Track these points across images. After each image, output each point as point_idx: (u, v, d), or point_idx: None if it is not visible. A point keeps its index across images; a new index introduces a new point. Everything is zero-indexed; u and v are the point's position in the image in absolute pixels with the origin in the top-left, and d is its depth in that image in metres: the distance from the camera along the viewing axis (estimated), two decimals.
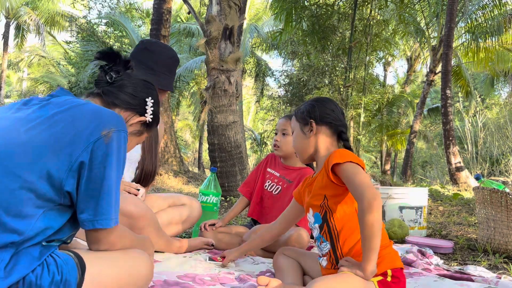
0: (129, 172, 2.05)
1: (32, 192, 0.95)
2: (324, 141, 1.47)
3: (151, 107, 1.25)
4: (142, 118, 1.23)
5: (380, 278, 1.24)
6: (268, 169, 2.35)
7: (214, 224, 2.22)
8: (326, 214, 1.38)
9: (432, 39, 11.34)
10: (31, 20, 16.62)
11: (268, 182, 2.30)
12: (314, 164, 1.54)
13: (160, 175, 6.58)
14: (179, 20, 16.31)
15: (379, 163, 18.65)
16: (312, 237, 2.37)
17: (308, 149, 1.48)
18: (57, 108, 1.04)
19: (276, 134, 2.28)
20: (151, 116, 1.25)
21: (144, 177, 2.05)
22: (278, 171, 2.31)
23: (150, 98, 1.24)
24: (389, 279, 1.25)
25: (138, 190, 1.88)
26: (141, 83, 1.24)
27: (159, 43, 2.11)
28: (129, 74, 1.23)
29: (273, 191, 2.27)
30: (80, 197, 1.01)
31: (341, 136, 1.48)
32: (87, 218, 1.02)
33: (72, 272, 0.99)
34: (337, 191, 1.35)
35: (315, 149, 1.47)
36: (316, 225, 1.42)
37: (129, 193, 1.82)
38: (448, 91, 7.04)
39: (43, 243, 0.99)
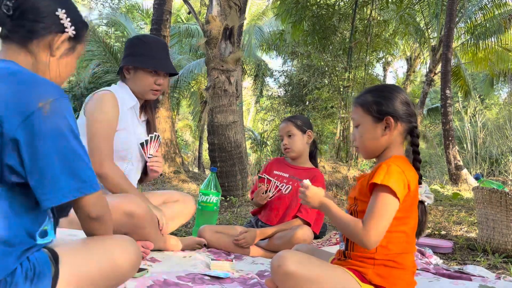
0: (136, 173, 2.06)
1: None
2: (396, 141, 1.30)
3: (67, 18, 1.08)
4: (64, 36, 1.08)
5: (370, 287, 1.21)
6: (275, 172, 2.40)
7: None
8: (352, 215, 1.30)
9: (432, 39, 11.34)
10: None
11: (277, 183, 2.35)
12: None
13: (161, 175, 6.59)
14: (179, 20, 16.31)
15: None
16: (316, 237, 2.39)
17: (379, 148, 1.31)
18: None
19: (282, 140, 2.34)
20: (73, 28, 1.09)
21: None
22: (287, 172, 2.36)
23: (59, 9, 1.07)
24: None
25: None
26: None
27: (146, 35, 2.20)
28: None
29: (284, 191, 2.31)
30: (28, 176, 0.94)
31: (411, 133, 1.31)
32: (39, 197, 0.95)
33: (45, 265, 0.97)
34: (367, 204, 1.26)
35: (386, 147, 1.30)
36: None
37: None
38: (447, 91, 7.04)
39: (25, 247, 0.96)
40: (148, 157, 1.99)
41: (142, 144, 1.97)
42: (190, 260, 1.87)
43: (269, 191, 2.30)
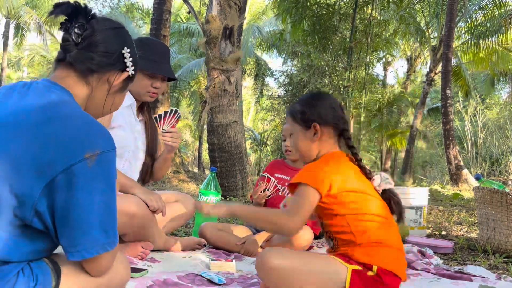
0: (134, 172, 2.04)
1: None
2: (327, 143, 1.39)
3: (130, 57, 1.10)
4: (125, 75, 1.11)
5: (357, 267, 1.21)
6: (276, 175, 2.40)
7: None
8: (321, 218, 1.36)
9: (432, 39, 11.33)
10: (32, 19, 16.62)
11: (278, 186, 2.35)
12: None
13: None
14: (179, 20, 16.32)
15: (379, 162, 18.65)
16: (316, 237, 2.38)
17: (312, 152, 1.40)
18: (38, 116, 0.92)
19: (284, 140, 2.33)
20: (133, 68, 1.12)
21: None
22: (288, 175, 2.37)
23: (125, 48, 1.09)
24: (370, 273, 1.21)
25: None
26: (111, 33, 1.07)
27: (149, 37, 2.15)
28: (95, 26, 1.03)
29: (285, 194, 2.32)
30: (56, 223, 0.91)
31: (343, 134, 1.40)
32: (64, 246, 0.94)
33: (47, 277, 0.95)
34: None
35: (319, 150, 1.40)
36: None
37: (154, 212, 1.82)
38: (448, 91, 7.03)
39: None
40: (162, 131, 1.93)
41: (156, 118, 1.92)
42: (190, 261, 1.87)
43: (268, 190, 2.29)
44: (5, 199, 0.88)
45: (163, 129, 1.93)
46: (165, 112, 1.92)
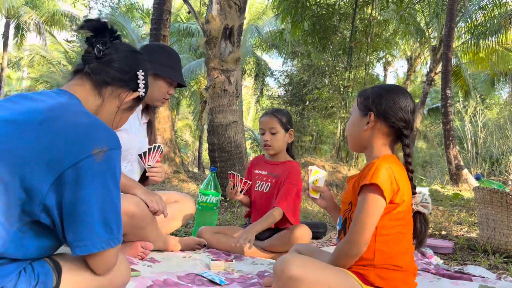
0: (135, 174, 2.04)
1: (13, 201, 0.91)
2: (379, 139, 1.28)
3: (143, 80, 1.20)
4: (136, 94, 1.19)
5: None
6: (256, 171, 2.37)
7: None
8: (346, 222, 1.30)
9: (432, 39, 11.33)
10: (31, 19, 16.61)
11: (258, 182, 2.32)
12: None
13: None
14: (179, 20, 16.32)
15: None
16: (316, 237, 2.37)
17: (360, 140, 1.32)
18: (48, 113, 0.96)
19: (263, 134, 2.27)
20: (144, 90, 1.21)
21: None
22: (265, 169, 2.33)
23: (141, 70, 1.19)
24: None
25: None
26: (130, 55, 1.18)
27: (165, 45, 2.22)
28: (117, 46, 1.15)
29: (264, 189, 2.29)
30: (64, 218, 0.94)
31: (401, 140, 1.28)
32: (70, 242, 0.95)
33: (48, 275, 0.97)
34: None
35: (368, 143, 1.30)
36: (338, 228, 1.36)
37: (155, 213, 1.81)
38: (448, 91, 7.03)
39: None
40: (148, 167, 1.97)
41: (140, 155, 1.95)
42: (190, 261, 1.87)
43: (236, 186, 2.23)
44: (15, 194, 0.90)
45: (148, 165, 1.96)
46: (149, 149, 1.95)
